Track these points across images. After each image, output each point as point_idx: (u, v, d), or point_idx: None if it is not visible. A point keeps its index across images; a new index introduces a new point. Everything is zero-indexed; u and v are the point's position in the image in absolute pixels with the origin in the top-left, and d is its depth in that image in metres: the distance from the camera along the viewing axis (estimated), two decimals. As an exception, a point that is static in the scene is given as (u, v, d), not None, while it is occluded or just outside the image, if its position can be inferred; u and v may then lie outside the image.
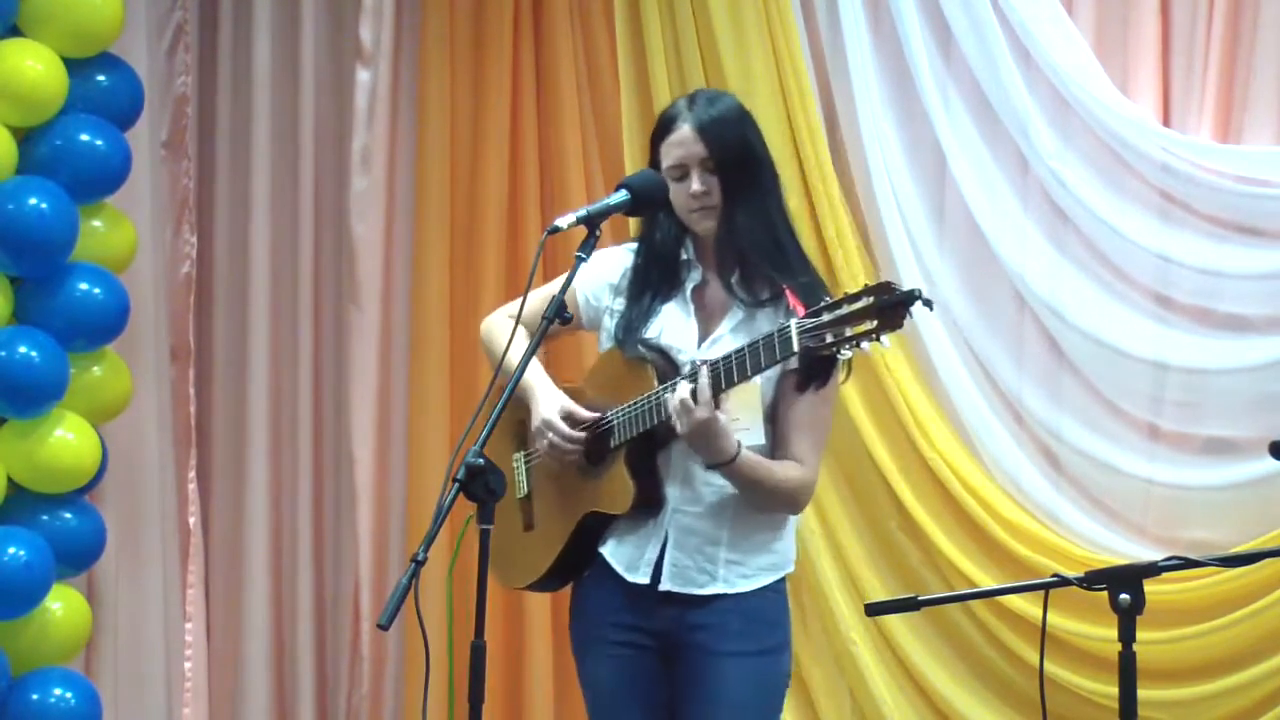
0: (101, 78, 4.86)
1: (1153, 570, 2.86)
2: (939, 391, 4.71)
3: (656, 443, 3.36)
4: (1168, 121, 4.48)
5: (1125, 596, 2.81)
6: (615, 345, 3.47)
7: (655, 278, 3.48)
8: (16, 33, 4.76)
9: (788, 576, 3.48)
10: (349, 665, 5.24)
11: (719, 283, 3.45)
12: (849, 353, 3.06)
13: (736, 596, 3.40)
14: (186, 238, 5.40)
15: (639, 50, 4.99)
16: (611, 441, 3.39)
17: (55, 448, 4.70)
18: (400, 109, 5.29)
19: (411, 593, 2.84)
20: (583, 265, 3.20)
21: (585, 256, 3.20)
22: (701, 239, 3.46)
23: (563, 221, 3.20)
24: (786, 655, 3.48)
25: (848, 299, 3.04)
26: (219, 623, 5.38)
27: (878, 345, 3.02)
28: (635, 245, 3.54)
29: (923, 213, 4.75)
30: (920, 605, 3.07)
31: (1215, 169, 4.38)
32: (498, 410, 3.07)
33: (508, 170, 5.17)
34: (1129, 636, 2.81)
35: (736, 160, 3.39)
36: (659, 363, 3.38)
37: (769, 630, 3.44)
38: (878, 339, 3.00)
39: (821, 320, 3.06)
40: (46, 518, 4.74)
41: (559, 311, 3.19)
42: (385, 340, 5.28)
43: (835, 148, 4.81)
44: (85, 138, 4.76)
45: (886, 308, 2.99)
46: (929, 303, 3.00)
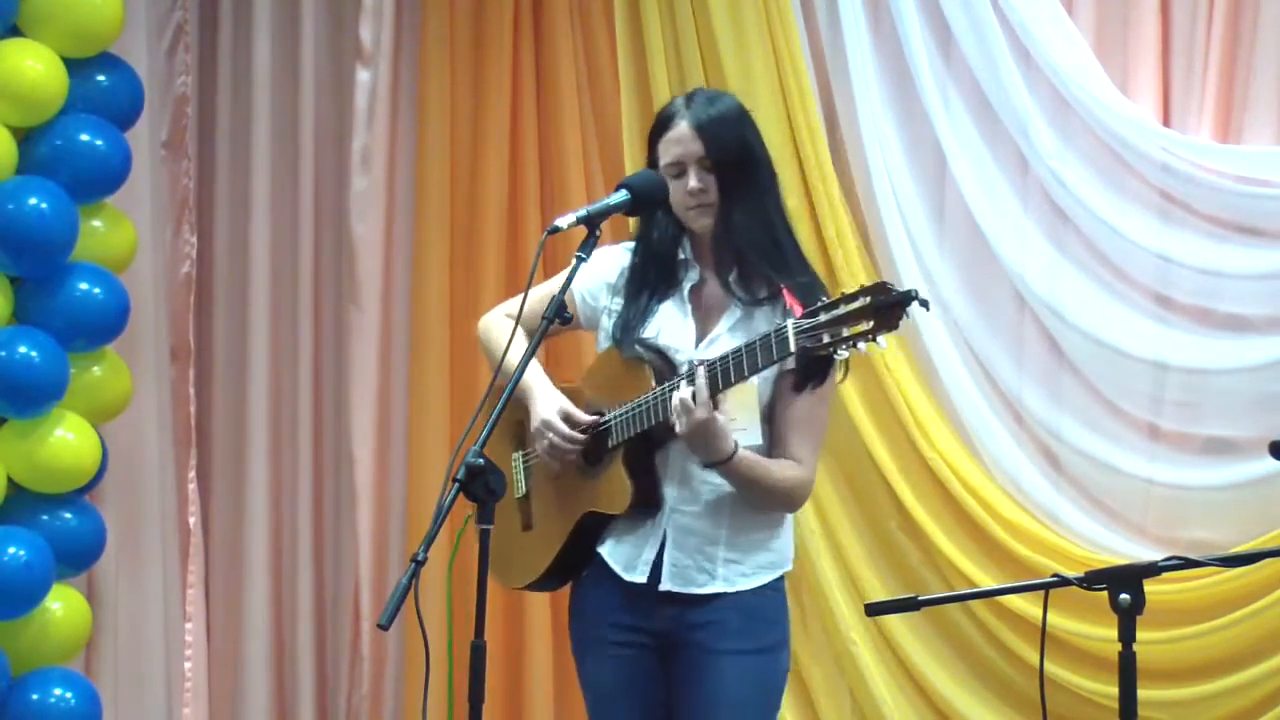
0: (101, 78, 4.85)
1: (1153, 570, 2.86)
2: (939, 391, 4.71)
3: (654, 443, 3.36)
4: (1168, 121, 4.48)
5: (1125, 596, 2.81)
6: (613, 345, 3.47)
7: (653, 277, 3.48)
8: (16, 33, 4.75)
9: (787, 575, 3.49)
10: (349, 665, 5.24)
11: (716, 281, 3.45)
12: (846, 353, 3.06)
13: (735, 595, 3.40)
14: (186, 238, 5.40)
15: (639, 50, 4.99)
16: (609, 441, 3.39)
17: (55, 448, 4.70)
18: (400, 109, 5.28)
19: (411, 593, 2.84)
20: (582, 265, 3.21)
21: (585, 256, 3.20)
22: (699, 238, 3.46)
23: (563, 221, 3.20)
24: (785, 654, 3.48)
25: (844, 299, 3.04)
26: (219, 623, 5.37)
27: (874, 346, 3.02)
28: (633, 244, 3.54)
29: (923, 213, 4.74)
30: (920, 605, 3.07)
31: (1215, 169, 4.38)
32: (497, 410, 3.07)
33: (508, 170, 5.17)
34: (1129, 636, 2.81)
35: (734, 158, 3.39)
36: (656, 363, 3.38)
37: (767, 628, 3.44)
38: (874, 339, 3.00)
39: (818, 320, 3.06)
40: (46, 518, 4.74)
41: (559, 311, 3.19)
42: (385, 340, 5.28)
43: (835, 148, 4.80)
44: (85, 138, 4.76)
45: (883, 308, 2.99)
46: (925, 303, 3.00)
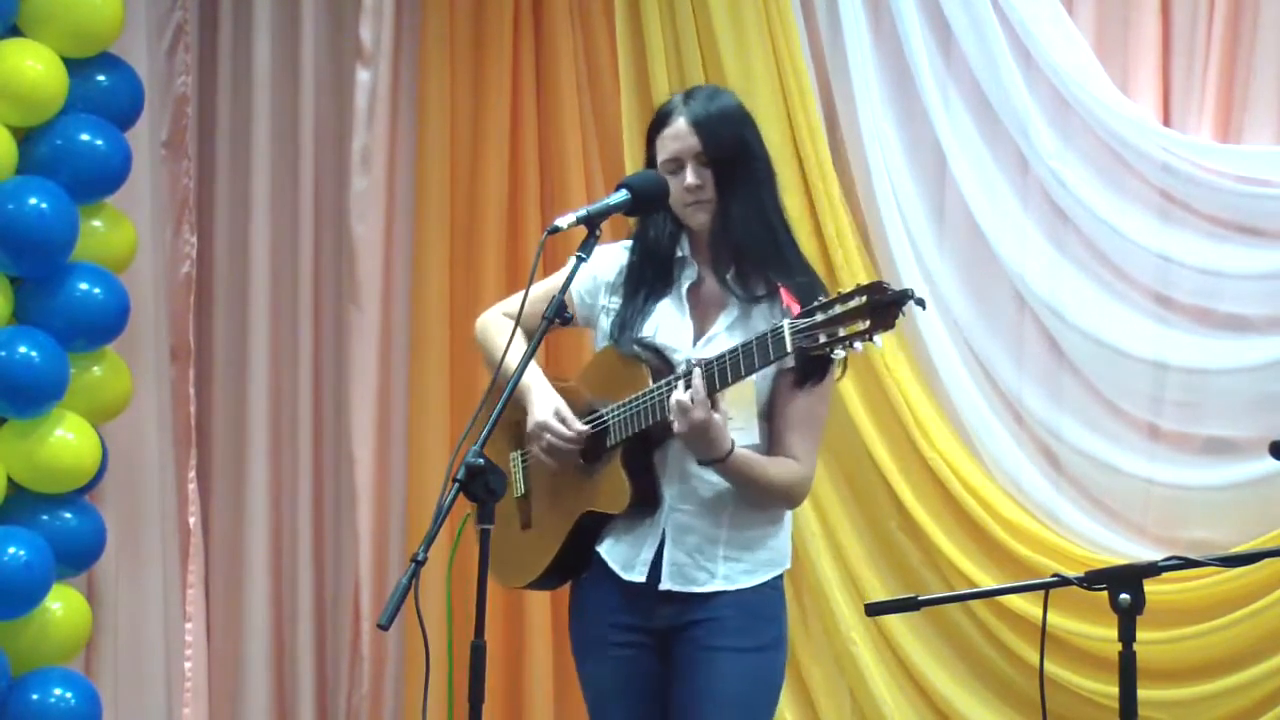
0: (101, 78, 4.86)
1: (1153, 570, 2.86)
2: (939, 391, 4.71)
3: (653, 441, 3.36)
4: (1168, 121, 4.48)
5: (1125, 596, 2.81)
6: (610, 343, 3.47)
7: (650, 275, 3.47)
8: (16, 33, 4.76)
9: (786, 574, 3.48)
10: (349, 665, 5.23)
11: (714, 279, 3.44)
12: (842, 352, 3.07)
13: (735, 593, 3.39)
14: (186, 238, 5.40)
15: (639, 50, 4.99)
16: (608, 441, 3.38)
17: (55, 448, 4.70)
18: (400, 109, 5.28)
19: (411, 593, 2.84)
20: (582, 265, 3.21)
21: (585, 256, 3.20)
22: (697, 235, 3.45)
23: (563, 221, 3.19)
24: (783, 651, 3.48)
25: (840, 299, 3.04)
26: (219, 623, 5.37)
27: (871, 345, 3.02)
28: (631, 243, 3.54)
29: (923, 213, 4.74)
30: (920, 605, 3.07)
31: (1215, 169, 4.38)
32: (497, 410, 3.07)
33: (508, 170, 5.17)
34: (1129, 636, 2.81)
35: (731, 154, 3.39)
36: (653, 361, 3.37)
37: (766, 626, 3.43)
38: (871, 339, 3.01)
39: (814, 320, 3.07)
40: (46, 518, 4.74)
41: (559, 311, 3.18)
42: (385, 340, 5.27)
43: (835, 147, 4.80)
44: (85, 138, 4.76)
45: (879, 307, 2.99)
46: (921, 302, 3.01)
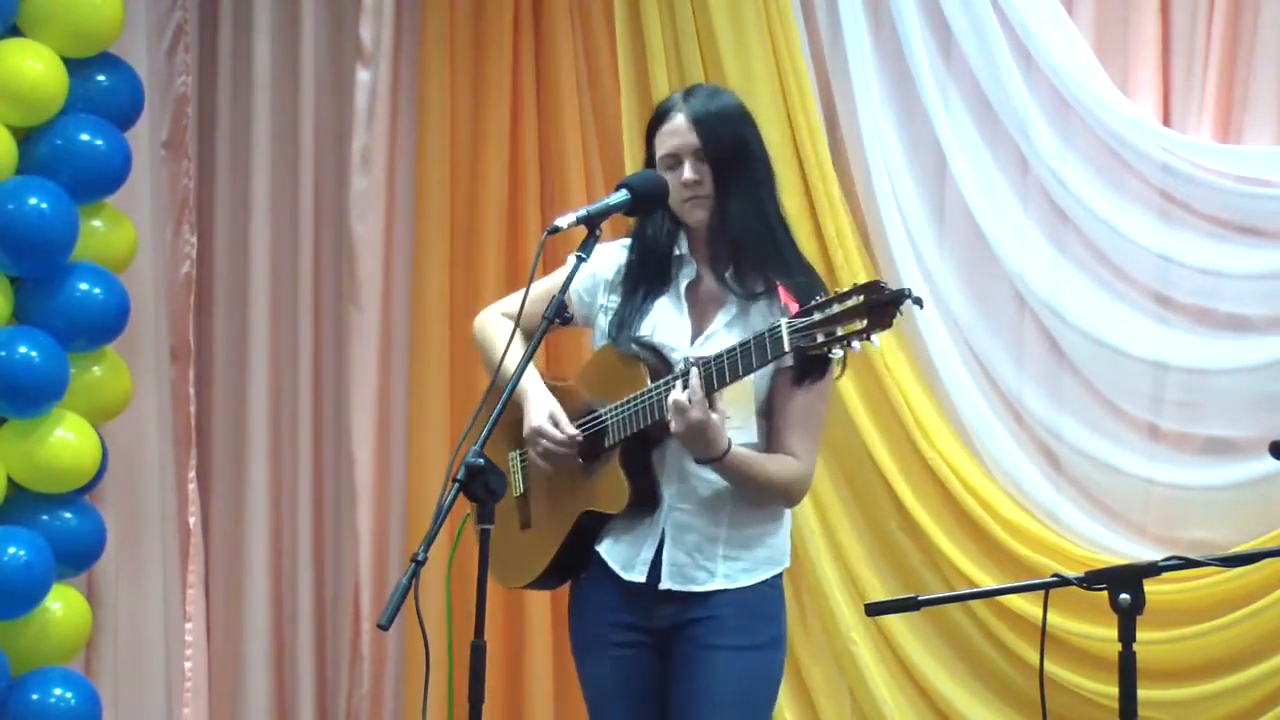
0: (101, 78, 4.85)
1: (1153, 570, 2.86)
2: (939, 391, 4.71)
3: (651, 441, 3.36)
4: (1168, 121, 4.48)
5: (1125, 596, 2.81)
6: (609, 342, 3.47)
7: (649, 274, 3.47)
8: (16, 33, 4.75)
9: (786, 573, 3.48)
10: (349, 665, 5.23)
11: (712, 277, 3.44)
12: (840, 352, 3.07)
13: (734, 591, 3.39)
14: (186, 238, 5.40)
15: (639, 50, 4.98)
16: (606, 440, 3.38)
17: (55, 448, 4.70)
18: (400, 109, 5.28)
19: (411, 593, 2.84)
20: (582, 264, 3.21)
21: (585, 256, 3.20)
22: (695, 233, 3.45)
23: (563, 221, 3.19)
24: (782, 650, 3.48)
25: (838, 298, 3.04)
26: (219, 623, 5.37)
27: (869, 344, 3.02)
28: (629, 241, 3.54)
29: (923, 213, 4.74)
30: (920, 605, 3.07)
31: (1215, 169, 4.38)
32: (497, 410, 3.07)
33: (508, 170, 5.17)
34: (1129, 636, 2.81)
35: (729, 151, 3.39)
36: (651, 361, 3.37)
37: (765, 624, 3.43)
38: (868, 338, 3.01)
39: (812, 320, 3.07)
40: (46, 518, 4.74)
41: (559, 311, 3.18)
42: (385, 340, 5.27)
43: (835, 148, 4.80)
44: (85, 138, 4.76)
45: (877, 307, 3.00)
46: (919, 301, 3.01)
